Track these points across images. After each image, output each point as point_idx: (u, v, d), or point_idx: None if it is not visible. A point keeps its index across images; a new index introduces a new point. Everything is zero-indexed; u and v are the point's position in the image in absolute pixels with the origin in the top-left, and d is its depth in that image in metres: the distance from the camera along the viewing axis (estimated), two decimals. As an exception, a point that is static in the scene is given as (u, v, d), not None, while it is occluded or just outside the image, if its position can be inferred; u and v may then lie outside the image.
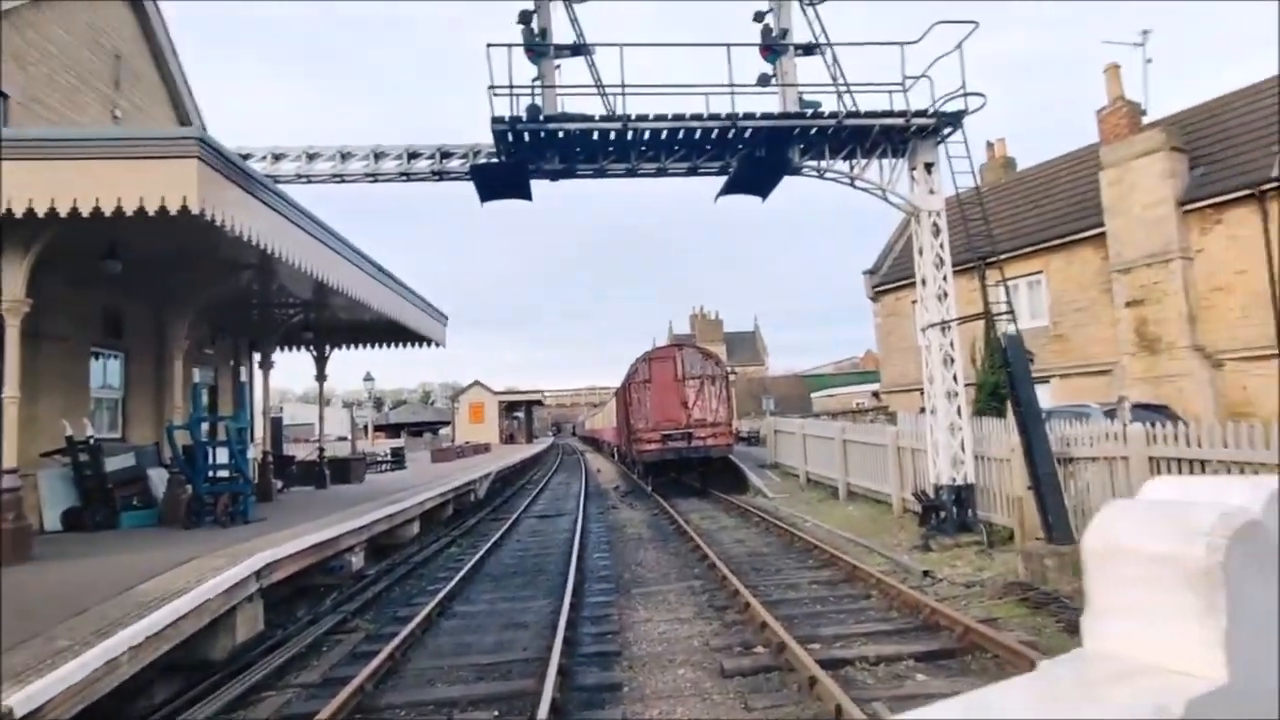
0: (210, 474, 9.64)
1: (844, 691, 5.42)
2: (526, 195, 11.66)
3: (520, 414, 74.38)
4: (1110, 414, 12.81)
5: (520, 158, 10.90)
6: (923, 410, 13.18)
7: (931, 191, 11.69)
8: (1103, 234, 18.07)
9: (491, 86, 10.24)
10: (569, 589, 9.31)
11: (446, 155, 11.00)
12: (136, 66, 12.68)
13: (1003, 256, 20.49)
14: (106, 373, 11.59)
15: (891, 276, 25.20)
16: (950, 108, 11.27)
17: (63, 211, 6.29)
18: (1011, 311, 10.58)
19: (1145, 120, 18.28)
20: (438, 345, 17.23)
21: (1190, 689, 0.45)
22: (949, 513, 11.13)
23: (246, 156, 10.72)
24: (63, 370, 10.26)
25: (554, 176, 11.27)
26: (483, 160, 10.97)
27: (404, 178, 10.96)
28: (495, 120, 10.29)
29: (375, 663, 6.63)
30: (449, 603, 9.45)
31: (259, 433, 14.68)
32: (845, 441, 17.20)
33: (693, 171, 11.70)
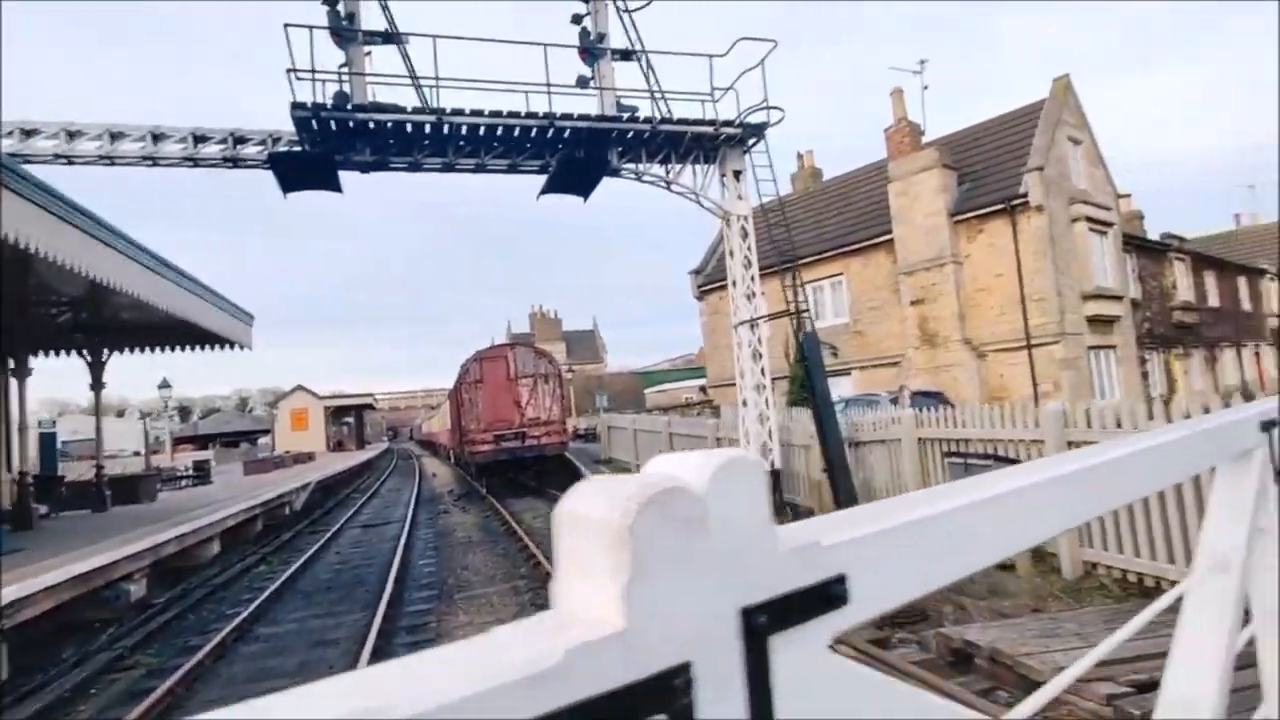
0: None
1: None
2: (335, 187, 11.02)
3: (350, 419, 70.12)
4: (895, 401, 14.34)
5: (326, 148, 10.28)
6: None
7: (740, 197, 12.45)
8: (892, 240, 20.16)
9: (291, 70, 9.57)
10: (384, 599, 8.96)
11: (241, 141, 10.12)
12: None
13: (809, 259, 22.37)
14: None
15: (714, 276, 26.49)
16: (755, 120, 12.07)
17: None
18: (808, 310, 11.51)
19: (924, 139, 20.62)
20: (242, 347, 15.78)
21: (585, 635, 0.55)
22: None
23: (-15, 131, 9.26)
24: None
25: (365, 169, 10.74)
26: (284, 149, 10.21)
27: (190, 163, 9.93)
28: (296, 106, 9.63)
29: (151, 699, 6.01)
30: (250, 625, 8.75)
31: (14, 451, 12.62)
32: (671, 434, 17.91)
33: (513, 169, 11.64)
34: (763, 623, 0.73)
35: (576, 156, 11.50)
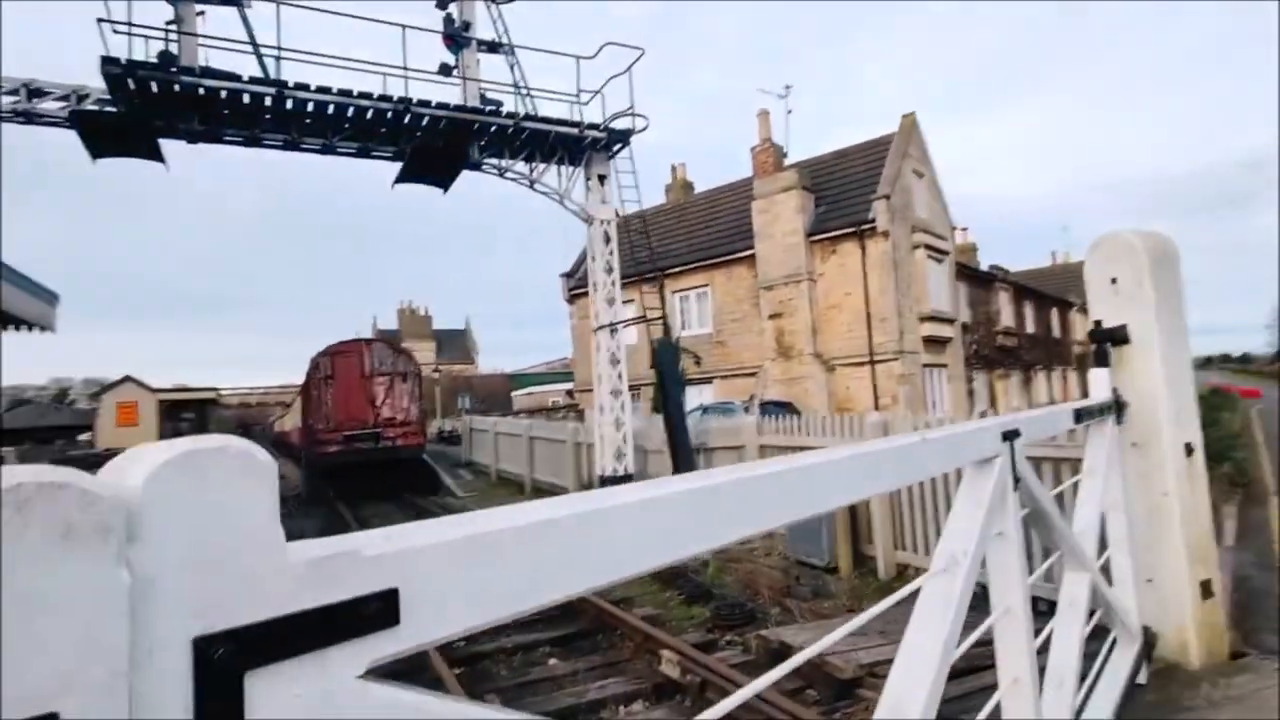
0: None
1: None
2: (157, 157, 9.95)
3: (190, 415, 64.10)
4: (747, 410, 14.84)
5: (144, 112, 9.26)
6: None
7: (604, 201, 12.44)
8: (753, 255, 20.93)
9: (102, 20, 8.55)
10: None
11: (38, 93, 8.89)
12: None
13: (678, 269, 22.82)
14: None
15: (585, 280, 26.46)
16: (620, 125, 12.11)
17: None
18: (664, 318, 11.66)
19: (787, 161, 21.60)
20: (44, 329, 13.93)
21: None
22: (611, 502, 11.91)
23: None
24: None
25: (193, 139, 9.78)
26: (92, 107, 9.09)
27: (-30, 115, 8.62)
28: (107, 61, 8.60)
29: None
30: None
31: None
32: (532, 438, 17.62)
33: (364, 153, 11.02)
34: (232, 655, 0.59)
35: (435, 146, 11.05)
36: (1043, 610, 3.50)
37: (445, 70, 11.52)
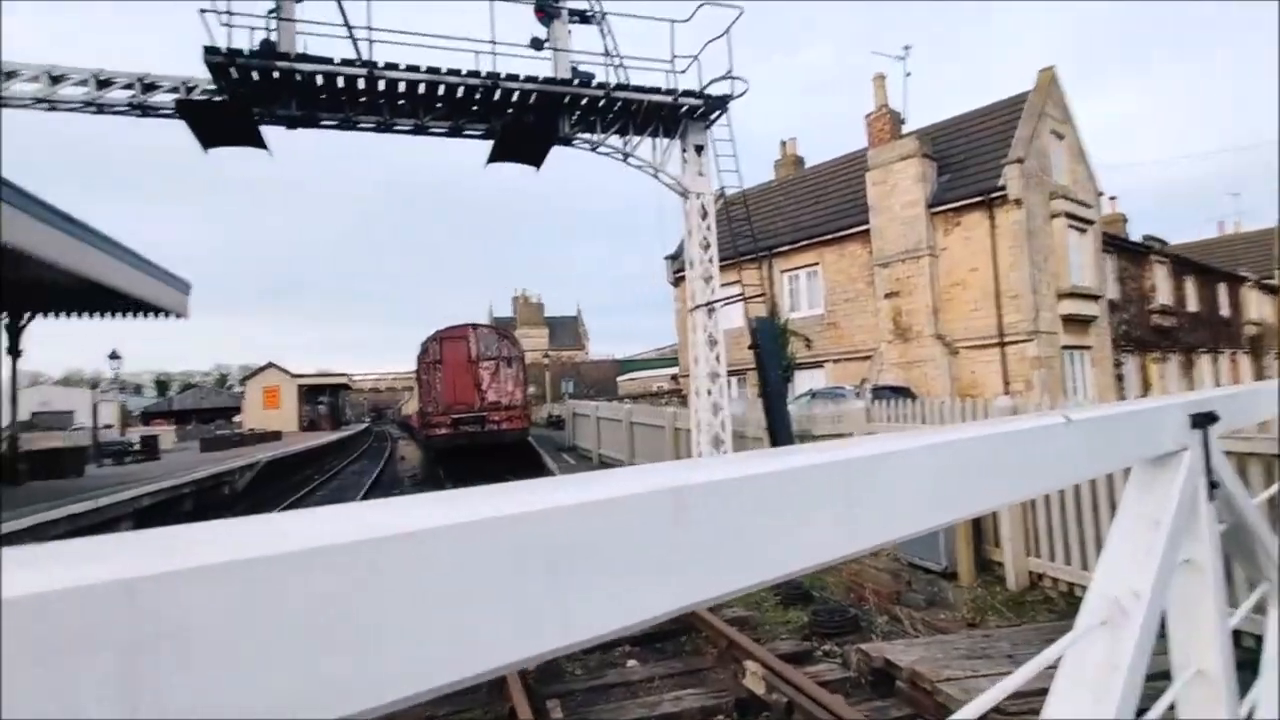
0: None
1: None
2: (259, 143, 10.23)
3: (325, 399, 68.92)
4: (858, 395, 13.78)
5: (247, 100, 9.49)
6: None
7: (700, 174, 11.77)
8: (868, 230, 19.56)
9: (204, 10, 8.78)
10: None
11: (151, 86, 9.30)
12: None
13: (786, 248, 21.76)
14: None
15: (689, 263, 25.89)
16: (718, 91, 11.39)
17: None
18: (765, 295, 10.87)
19: (905, 129, 19.99)
20: (178, 316, 14.96)
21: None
22: (708, 491, 11.32)
23: None
24: None
25: (292, 124, 9.96)
26: (200, 98, 9.42)
27: (92, 108, 9.11)
28: (210, 51, 8.84)
29: None
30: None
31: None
32: (632, 423, 17.28)
33: (456, 132, 10.89)
34: None
35: (525, 122, 10.77)
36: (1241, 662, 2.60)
37: (536, 44, 11.20)
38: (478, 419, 20.64)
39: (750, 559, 0.63)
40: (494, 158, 11.47)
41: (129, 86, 9.17)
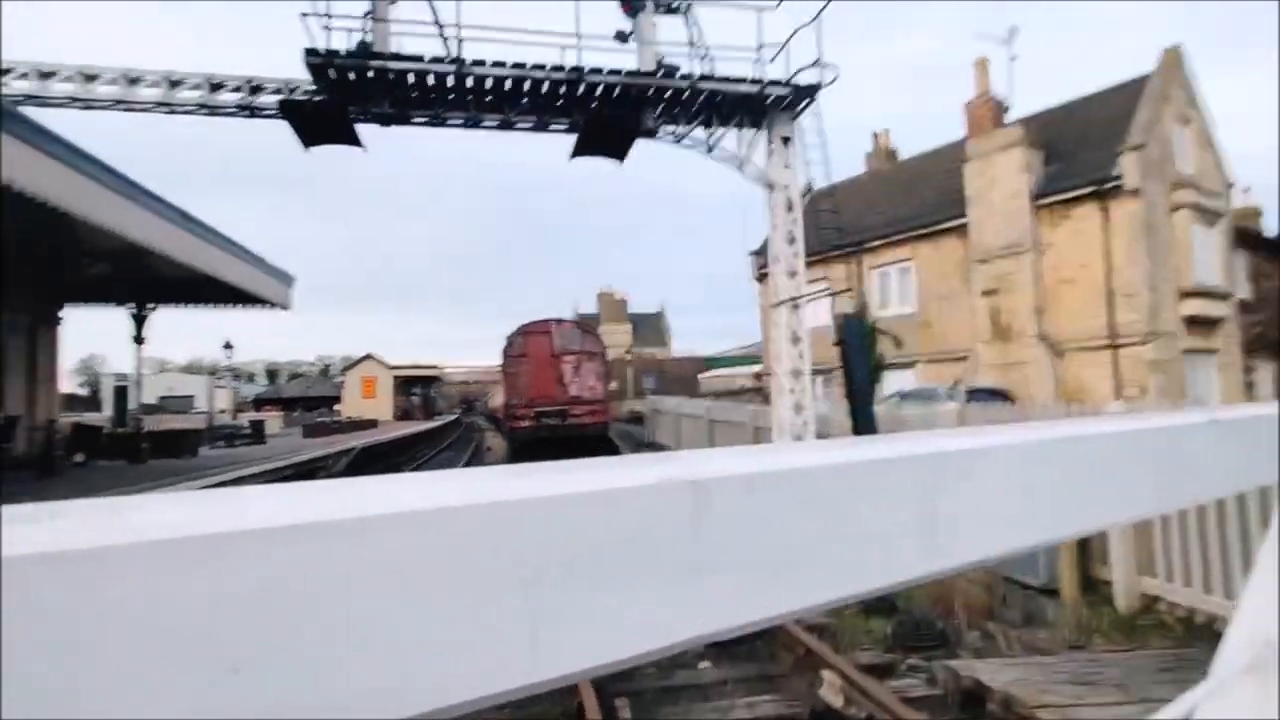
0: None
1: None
2: (355, 141, 10.63)
3: (418, 390, 71.75)
4: (950, 396, 13.09)
5: (343, 98, 9.87)
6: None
7: (786, 166, 11.44)
8: (965, 224, 18.58)
9: (305, 14, 9.17)
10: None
11: (258, 89, 9.81)
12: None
13: (877, 243, 20.98)
14: None
15: (775, 259, 25.38)
16: (806, 80, 11.02)
17: None
18: (852, 290, 10.45)
19: (1009, 117, 18.86)
20: (283, 308, 15.83)
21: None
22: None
23: (4, 71, 9.23)
24: None
25: (384, 121, 10.30)
26: (301, 98, 9.86)
27: (205, 110, 9.70)
28: (310, 53, 9.24)
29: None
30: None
31: (40, 400, 12.94)
32: (711, 421, 17.07)
33: (541, 127, 11.00)
34: None
35: (609, 115, 10.75)
36: None
37: (621, 37, 11.15)
38: (559, 412, 20.92)
39: (793, 576, 0.48)
40: (578, 151, 11.51)
41: (238, 89, 9.72)
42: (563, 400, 21.08)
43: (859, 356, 9.77)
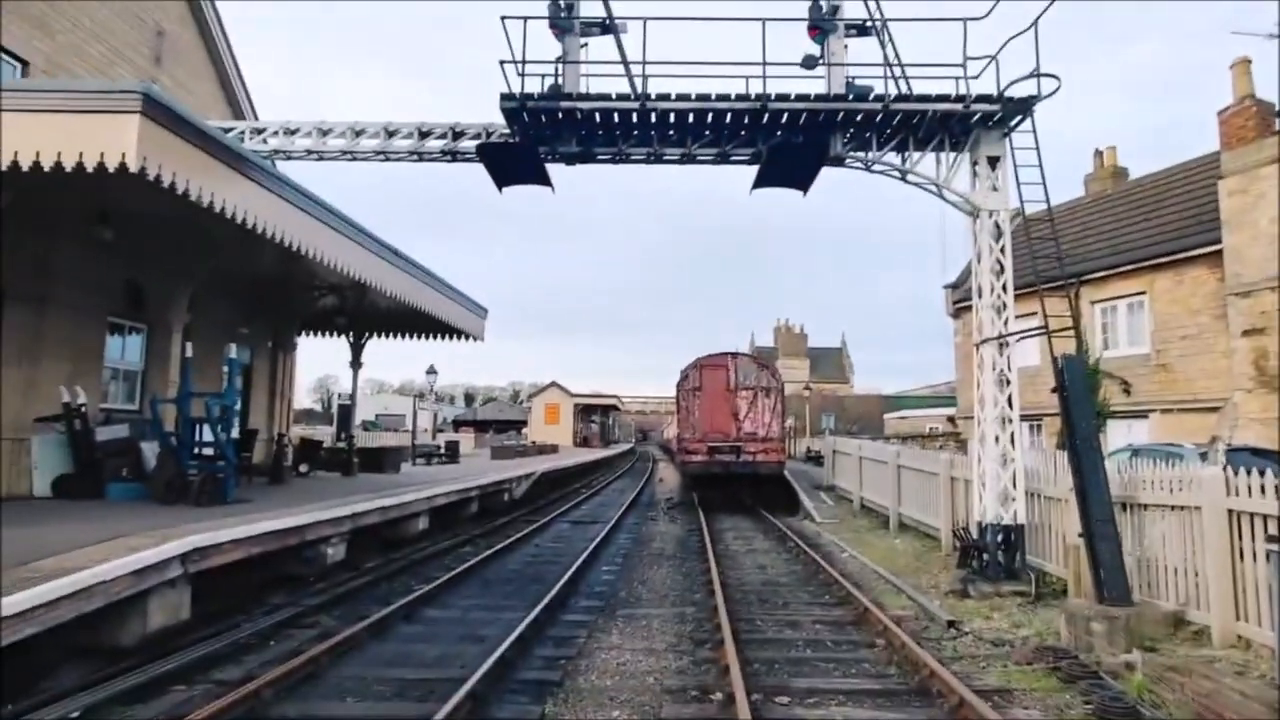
0: (195, 451, 9.50)
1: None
2: (545, 181, 11.02)
3: (597, 418, 74.37)
4: (1204, 456, 10.93)
5: (534, 139, 10.28)
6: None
7: (994, 189, 10.28)
8: (1219, 251, 15.80)
9: (503, 61, 9.69)
10: (543, 604, 8.56)
11: (459, 134, 10.51)
12: (181, 44, 12.97)
13: (1099, 274, 18.49)
14: (126, 346, 11.80)
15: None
16: (1019, 92, 9.86)
17: (3, 165, 6.13)
18: (1075, 329, 9.05)
19: None
20: (475, 339, 16.93)
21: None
22: (992, 556, 9.67)
23: (259, 131, 10.62)
24: (72, 339, 10.42)
25: (570, 160, 10.59)
26: (496, 140, 10.42)
27: (415, 157, 10.55)
28: (505, 97, 9.72)
29: (289, 665, 6.08)
30: (422, 606, 8.87)
31: (276, 417, 14.69)
32: (899, 467, 15.69)
33: (723, 159, 10.77)
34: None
35: (792, 143, 10.29)
36: None
37: (809, 62, 10.67)
38: (733, 448, 20.40)
39: None
40: (760, 183, 11.14)
41: (443, 135, 10.47)
42: (736, 436, 20.54)
43: (1082, 403, 8.36)
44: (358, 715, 5.52)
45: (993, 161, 10.34)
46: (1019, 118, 10.04)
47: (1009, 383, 10.09)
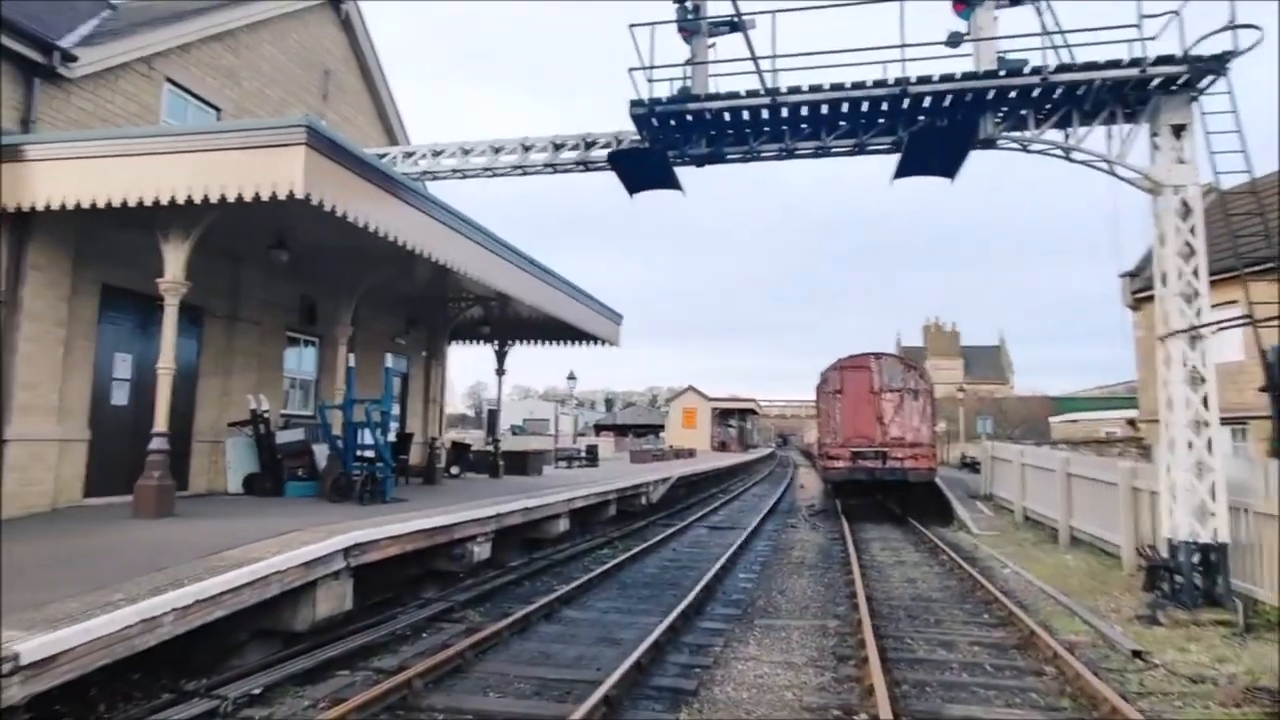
0: (357, 453, 10.29)
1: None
2: (675, 185, 11.00)
3: (734, 422, 73.68)
4: None
5: (663, 143, 10.29)
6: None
7: (1180, 161, 9.05)
8: None
9: (632, 69, 9.79)
10: (679, 609, 8.48)
11: (591, 144, 10.72)
12: (344, 81, 14.21)
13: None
14: (302, 357, 13.06)
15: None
16: (1211, 49, 8.63)
17: (196, 199, 6.94)
18: (1287, 315, 7.77)
19: None
20: (611, 344, 17.23)
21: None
22: (1187, 578, 8.47)
23: (409, 154, 11.37)
24: (257, 351, 11.66)
25: (699, 162, 10.50)
26: (626, 147, 10.52)
27: (550, 169, 10.87)
28: (634, 104, 9.80)
29: (438, 658, 6.40)
30: (562, 606, 9.09)
31: (430, 421, 15.65)
32: (1069, 475, 14.22)
33: (860, 149, 10.25)
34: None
35: (935, 127, 9.62)
36: None
37: (954, 40, 9.95)
38: (878, 454, 19.39)
39: None
40: (902, 172, 10.51)
41: (575, 147, 10.73)
42: (881, 441, 19.52)
43: (1304, 405, 7.14)
44: (499, 711, 5.68)
45: (1177, 130, 9.12)
46: (1210, 78, 8.79)
47: (1204, 381, 8.83)
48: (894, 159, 10.46)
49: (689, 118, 10.13)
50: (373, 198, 7.97)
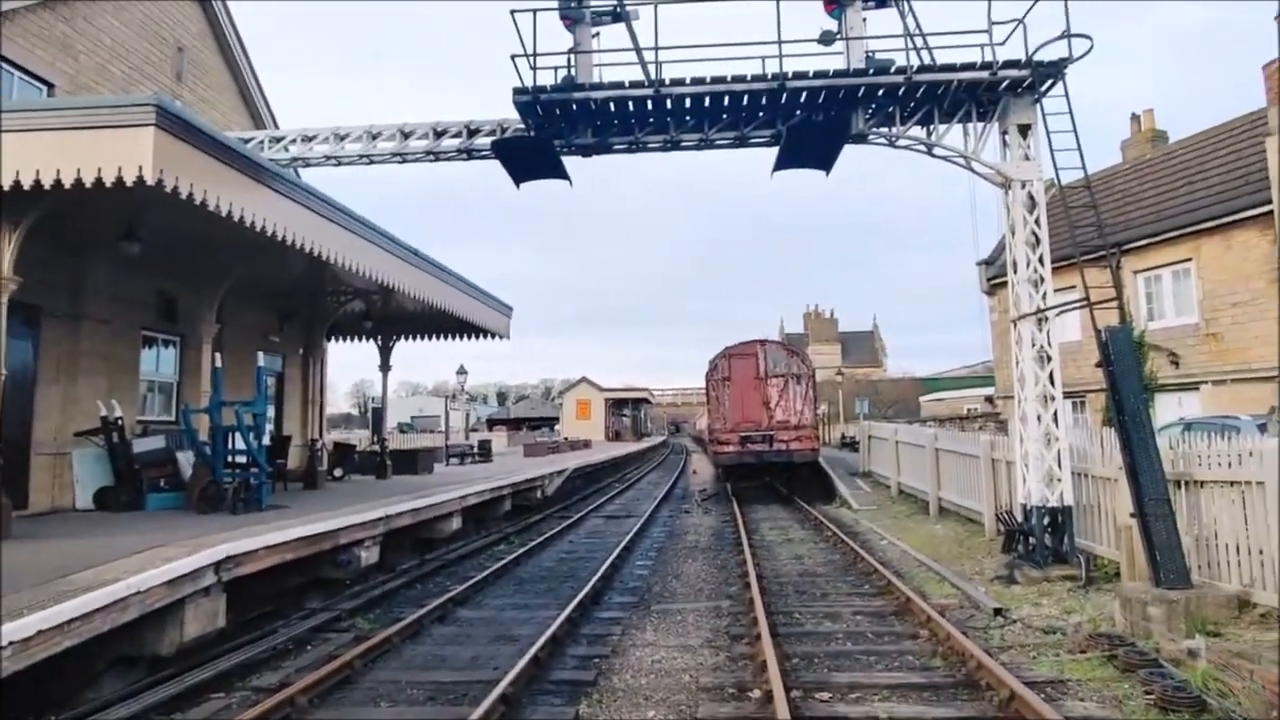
0: (229, 459, 9.60)
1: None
2: (562, 174, 10.91)
3: (628, 412, 74.33)
4: (1263, 428, 10.44)
5: (549, 133, 10.16)
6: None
7: (1026, 158, 9.89)
8: (1270, 213, 15.09)
9: (515, 55, 9.57)
10: (576, 601, 8.48)
11: (474, 132, 10.44)
12: (202, 59, 13.11)
13: (1140, 242, 17.84)
14: (161, 358, 12.00)
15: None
16: (1049, 56, 9.46)
17: (25, 184, 6.19)
18: (1118, 300, 8.66)
19: (1330, 74, 15.08)
20: (501, 337, 16.91)
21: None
22: (1039, 539, 9.33)
23: (278, 140, 10.66)
24: (107, 353, 10.60)
25: (585, 152, 10.44)
26: (511, 135, 10.32)
27: (431, 157, 10.50)
28: (517, 91, 9.61)
29: (323, 671, 6.08)
30: (456, 607, 8.87)
31: (309, 421, 14.84)
32: (937, 450, 15.32)
33: (741, 142, 10.53)
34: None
35: (811, 122, 10.02)
36: None
37: (826, 38, 10.39)
38: (765, 437, 20.11)
39: None
40: (781, 165, 10.89)
41: (458, 134, 10.41)
42: (768, 425, 20.25)
43: (1129, 377, 7.99)
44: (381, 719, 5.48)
45: (1023, 130, 9.96)
46: (1050, 82, 9.64)
47: (1049, 359, 9.73)
48: (774, 152, 10.83)
49: (574, 107, 10.05)
50: (235, 183, 7.39)
